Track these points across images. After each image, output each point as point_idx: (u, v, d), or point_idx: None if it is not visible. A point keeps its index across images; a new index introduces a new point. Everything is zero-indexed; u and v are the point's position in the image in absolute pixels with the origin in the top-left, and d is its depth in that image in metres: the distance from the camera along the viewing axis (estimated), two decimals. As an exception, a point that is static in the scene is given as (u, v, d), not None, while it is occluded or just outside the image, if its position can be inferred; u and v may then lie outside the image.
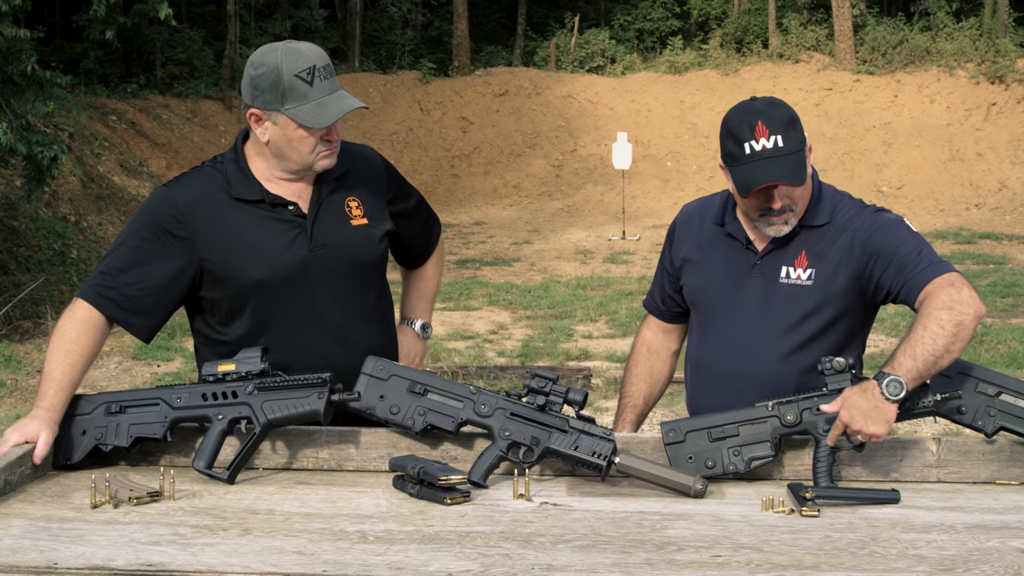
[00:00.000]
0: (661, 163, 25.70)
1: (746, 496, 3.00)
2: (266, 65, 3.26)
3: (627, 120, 26.83)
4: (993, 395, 3.14)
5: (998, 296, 14.94)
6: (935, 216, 22.32)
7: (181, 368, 11.31)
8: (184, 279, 3.36)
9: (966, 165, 24.27)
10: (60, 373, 3.19)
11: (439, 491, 2.92)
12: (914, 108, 25.99)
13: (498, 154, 26.92)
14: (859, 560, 2.51)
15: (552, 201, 25.05)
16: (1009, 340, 12.12)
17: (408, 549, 2.57)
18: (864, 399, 3.03)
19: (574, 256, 19.02)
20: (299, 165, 3.36)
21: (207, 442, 3.14)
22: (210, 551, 2.55)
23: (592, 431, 3.09)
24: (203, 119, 25.57)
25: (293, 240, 3.39)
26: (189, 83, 26.41)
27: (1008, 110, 25.43)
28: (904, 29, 28.43)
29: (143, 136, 22.92)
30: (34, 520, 2.76)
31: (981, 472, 3.16)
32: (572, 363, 11.51)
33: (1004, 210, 22.55)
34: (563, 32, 33.11)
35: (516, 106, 28.42)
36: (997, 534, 2.68)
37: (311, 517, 2.81)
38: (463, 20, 31.61)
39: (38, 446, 3.09)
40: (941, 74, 26.53)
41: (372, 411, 3.22)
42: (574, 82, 29.27)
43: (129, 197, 19.30)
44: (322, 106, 3.26)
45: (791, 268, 3.40)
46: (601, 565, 2.48)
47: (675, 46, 31.27)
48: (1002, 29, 28.51)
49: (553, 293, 15.43)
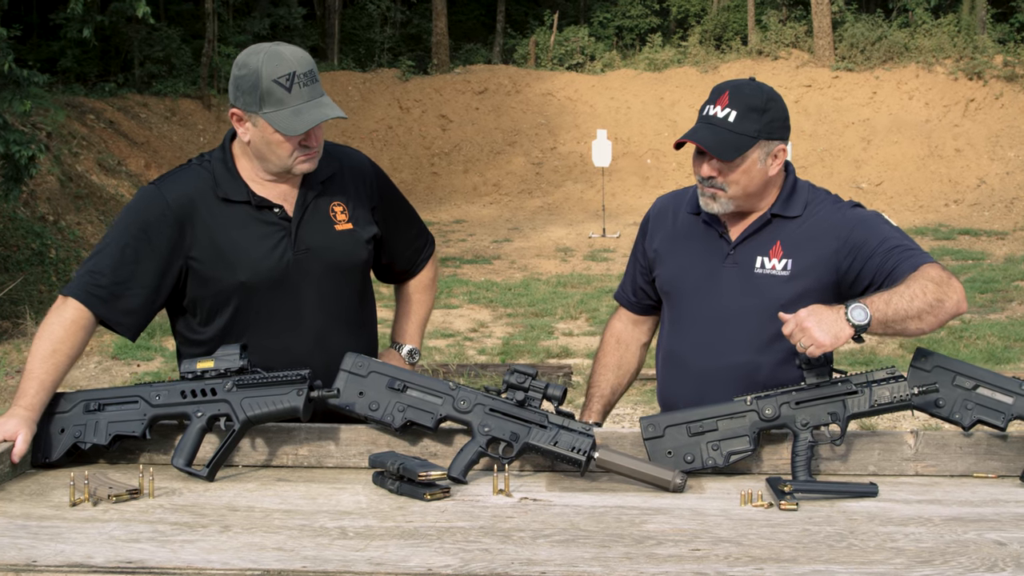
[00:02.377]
0: (641, 160, 25.72)
1: (725, 490, 3.01)
2: (248, 67, 3.27)
3: (607, 117, 26.82)
4: (970, 388, 3.16)
5: (977, 292, 14.99)
6: (914, 212, 22.38)
7: (161, 368, 11.28)
8: (171, 278, 3.36)
9: (945, 161, 24.34)
10: (43, 372, 3.18)
11: (419, 487, 2.92)
12: (893, 104, 26.05)
13: (478, 152, 26.89)
14: (837, 553, 2.52)
15: (532, 199, 25.04)
16: (988, 335, 12.18)
17: (388, 545, 2.57)
18: (827, 312, 3.05)
19: (554, 254, 19.02)
20: (278, 167, 3.36)
21: (186, 440, 3.13)
22: (189, 548, 2.55)
23: (571, 426, 3.10)
24: (182, 118, 25.47)
25: (278, 243, 3.39)
26: (167, 82, 26.28)
27: (986, 106, 25.51)
28: (882, 26, 28.49)
29: (121, 135, 22.81)
30: (12, 518, 2.75)
31: (958, 465, 3.18)
32: (552, 360, 11.51)
33: (983, 206, 22.62)
34: (542, 30, 33.08)
35: (496, 104, 28.40)
36: (974, 526, 2.70)
37: (291, 514, 2.81)
38: (442, 18, 31.58)
39: (17, 444, 3.07)
40: (920, 70, 26.59)
41: (351, 408, 3.22)
42: (553, 80, 29.26)
43: (108, 196, 19.22)
44: (297, 113, 3.26)
45: (766, 258, 3.43)
46: (580, 559, 2.48)
47: (654, 43, 31.28)
48: (980, 25, 28.62)
49: (533, 291, 15.43)
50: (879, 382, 3.10)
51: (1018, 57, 26.25)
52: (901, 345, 11.67)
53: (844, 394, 3.11)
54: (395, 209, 3.68)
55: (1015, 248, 19.00)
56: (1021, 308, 14.00)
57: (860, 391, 3.10)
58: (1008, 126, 24.91)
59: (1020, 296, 14.82)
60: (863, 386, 3.11)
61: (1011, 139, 24.58)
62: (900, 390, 3.09)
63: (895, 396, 3.09)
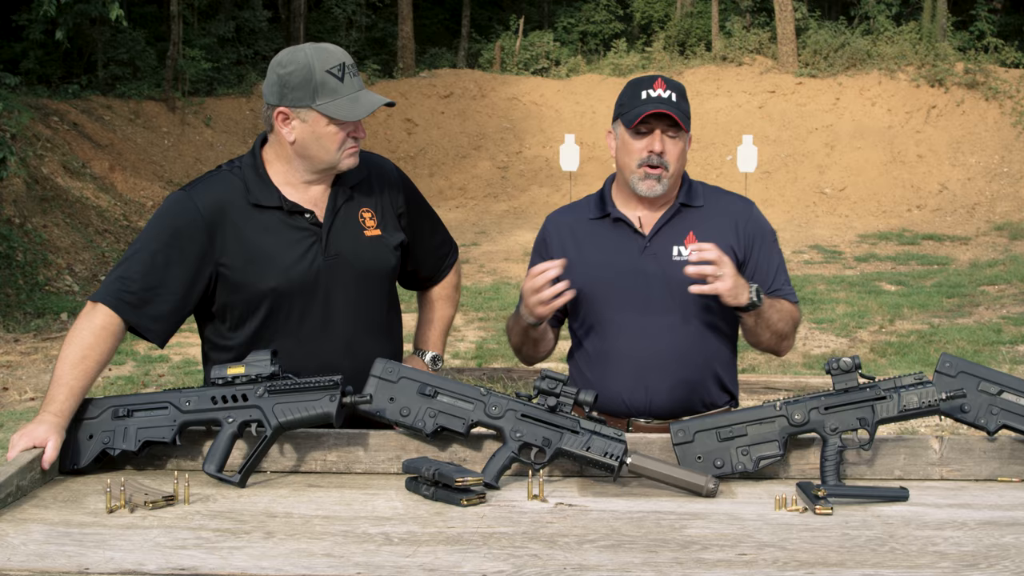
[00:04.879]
0: (607, 165, 25.76)
1: (756, 495, 3.04)
2: (296, 63, 3.29)
3: (572, 122, 26.89)
4: (995, 394, 3.20)
5: (944, 297, 15.15)
6: (877, 217, 22.55)
7: (133, 372, 11.22)
8: (200, 284, 3.36)
9: (907, 167, 24.53)
10: (73, 379, 3.17)
11: (455, 493, 2.93)
12: (856, 111, 26.23)
13: (443, 156, 26.88)
14: (882, 557, 2.55)
15: (498, 203, 25.04)
16: (957, 340, 12.30)
17: (436, 551, 2.58)
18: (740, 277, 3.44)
19: (523, 257, 19.01)
20: (325, 164, 3.37)
21: (217, 446, 3.12)
22: (238, 554, 2.55)
23: (603, 432, 3.12)
24: (146, 120, 25.30)
25: (308, 249, 3.39)
26: (131, 84, 26.10)
27: (948, 113, 25.75)
28: (845, 33, 28.69)
29: (86, 137, 22.64)
30: (53, 525, 2.74)
31: (983, 469, 3.21)
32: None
33: (945, 211, 22.83)
34: (507, 34, 33.11)
35: (461, 108, 28.39)
36: (1010, 530, 2.73)
37: (330, 520, 2.81)
38: (408, 22, 31.53)
39: (47, 451, 3.06)
40: (882, 77, 26.80)
41: (382, 413, 3.22)
42: (519, 84, 29.29)
43: (73, 199, 19.08)
44: (354, 101, 3.31)
45: (681, 247, 3.62)
46: (631, 564, 2.50)
47: (619, 48, 31.38)
48: (940, 33, 28.88)
49: (504, 295, 15.46)
50: (907, 387, 3.14)
51: (979, 65, 26.52)
52: (872, 349, 11.79)
53: (873, 399, 3.14)
54: (421, 216, 3.69)
55: (979, 253, 19.20)
56: (988, 312, 14.15)
57: (889, 396, 3.14)
58: (969, 132, 25.17)
59: (987, 301, 14.98)
60: (892, 391, 3.14)
61: (972, 145, 24.83)
62: (929, 395, 3.12)
63: (923, 401, 3.12)
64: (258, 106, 27.98)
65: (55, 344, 12.47)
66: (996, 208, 22.67)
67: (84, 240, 17.57)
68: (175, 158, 24.66)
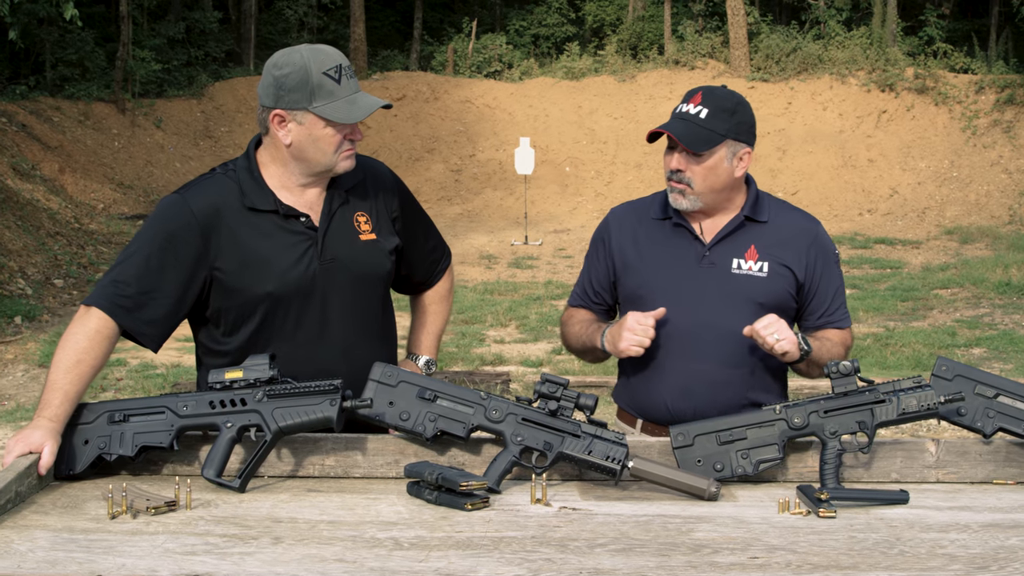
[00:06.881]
0: (560, 168, 25.82)
1: (757, 498, 3.05)
2: (292, 64, 3.26)
3: (525, 125, 26.90)
4: (991, 397, 3.23)
5: (898, 300, 15.29)
6: (829, 221, 22.71)
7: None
8: (195, 288, 3.32)
9: (858, 171, 24.76)
10: (67, 383, 3.13)
11: (459, 497, 2.92)
12: (807, 115, 26.44)
13: (396, 159, 26.79)
14: (893, 560, 2.56)
15: (452, 206, 25.02)
16: (912, 343, 12.42)
17: (448, 555, 2.57)
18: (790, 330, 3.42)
19: (478, 261, 19.02)
20: (321, 166, 3.34)
21: (216, 450, 3.09)
22: (250, 560, 2.53)
23: (604, 435, 3.12)
24: (95, 122, 25.09)
25: (304, 253, 3.36)
26: (80, 85, 25.86)
27: (898, 117, 26.00)
28: (797, 37, 28.88)
29: (35, 139, 22.42)
30: (56, 532, 2.71)
31: (979, 472, 3.24)
32: (488, 368, 11.52)
33: (895, 215, 23.06)
34: (460, 37, 33.09)
35: (414, 111, 28.34)
36: (1014, 532, 2.76)
37: (336, 525, 2.79)
38: (360, 24, 31.43)
39: (43, 456, 3.02)
40: (833, 82, 27.02)
41: (381, 418, 3.20)
42: (472, 87, 29.27)
43: (24, 201, 18.85)
44: (351, 103, 3.28)
45: (742, 260, 3.57)
46: (646, 567, 2.50)
47: (572, 52, 31.42)
48: (891, 38, 29.15)
49: (461, 298, 15.41)
50: (906, 391, 3.16)
51: (929, 70, 26.79)
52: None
53: (872, 403, 3.16)
54: (415, 220, 3.67)
55: (930, 257, 19.40)
56: (942, 316, 14.30)
57: (888, 400, 3.16)
58: (919, 137, 25.43)
59: (940, 304, 15.13)
60: (891, 395, 3.16)
61: (922, 150, 25.10)
62: (927, 399, 3.14)
63: (922, 404, 3.14)
64: (208, 108, 27.83)
65: (9, 348, 12.33)
66: (946, 212, 22.93)
67: (36, 243, 17.36)
68: (126, 160, 24.48)
